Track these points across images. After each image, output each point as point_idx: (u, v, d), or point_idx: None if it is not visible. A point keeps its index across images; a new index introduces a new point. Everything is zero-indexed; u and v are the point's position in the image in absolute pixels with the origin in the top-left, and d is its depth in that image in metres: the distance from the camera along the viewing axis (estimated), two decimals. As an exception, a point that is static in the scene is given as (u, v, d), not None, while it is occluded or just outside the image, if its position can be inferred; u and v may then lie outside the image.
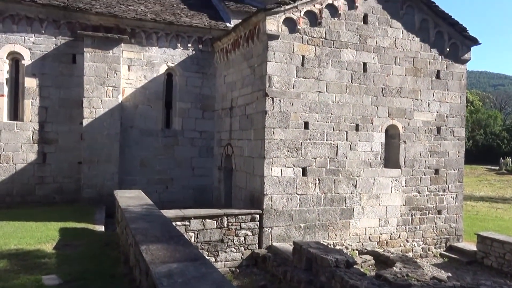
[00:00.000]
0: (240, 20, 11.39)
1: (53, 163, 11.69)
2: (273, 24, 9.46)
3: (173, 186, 12.72)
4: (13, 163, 11.39)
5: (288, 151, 9.67)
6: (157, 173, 12.54)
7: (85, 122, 11.44)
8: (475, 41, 11.66)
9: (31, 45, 11.53)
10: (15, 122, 11.48)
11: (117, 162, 11.71)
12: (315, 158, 9.94)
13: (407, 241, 10.92)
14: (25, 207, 11.02)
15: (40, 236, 7.65)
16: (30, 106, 11.53)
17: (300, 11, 9.76)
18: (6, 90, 11.48)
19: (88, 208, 10.77)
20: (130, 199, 7.90)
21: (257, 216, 9.44)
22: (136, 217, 6.06)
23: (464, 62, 11.68)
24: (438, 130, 11.32)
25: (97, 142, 11.49)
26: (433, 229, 11.24)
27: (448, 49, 11.35)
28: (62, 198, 11.66)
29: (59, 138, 11.74)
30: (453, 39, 11.42)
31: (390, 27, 10.75)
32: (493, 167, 36.04)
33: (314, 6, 9.89)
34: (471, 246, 10.97)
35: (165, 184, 12.65)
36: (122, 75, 11.94)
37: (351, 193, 10.30)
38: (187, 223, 8.76)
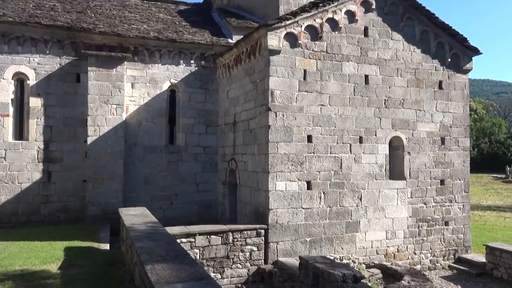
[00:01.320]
0: (242, 36, 11.50)
1: (58, 182, 11.73)
2: (275, 39, 9.55)
3: (178, 202, 12.70)
4: (18, 183, 11.43)
5: (292, 165, 9.65)
6: (161, 190, 12.54)
7: (89, 140, 11.50)
8: (476, 51, 11.68)
9: (36, 66, 11.68)
10: (20, 141, 11.56)
11: (121, 179, 11.73)
12: (319, 172, 9.91)
13: (415, 253, 10.78)
14: (30, 226, 11.03)
15: (45, 256, 7.63)
16: (35, 126, 11.62)
17: (301, 26, 9.85)
18: (11, 110, 11.59)
19: (93, 226, 10.76)
20: (135, 217, 7.88)
21: (263, 231, 9.38)
22: (141, 235, 6.03)
23: (466, 72, 11.69)
24: (443, 140, 11.28)
25: (101, 160, 11.53)
26: (440, 241, 11.10)
27: (449, 60, 11.38)
28: (67, 217, 11.66)
29: (63, 156, 11.79)
30: (454, 50, 11.45)
31: (391, 39, 10.81)
32: (499, 175, 35.73)
33: (314, 20, 9.98)
34: (480, 258, 10.81)
35: (170, 200, 12.63)
36: (125, 92, 12.05)
37: (357, 206, 10.23)
38: (192, 239, 8.71)
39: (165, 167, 12.62)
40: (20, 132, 11.75)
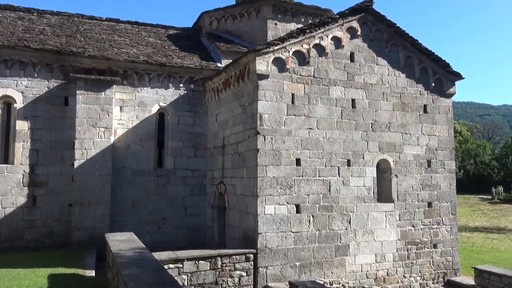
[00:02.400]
0: (231, 61, 11.69)
1: (43, 206, 11.51)
2: (263, 64, 9.71)
3: (166, 226, 12.53)
4: (1, 207, 11.18)
5: (281, 188, 9.66)
6: (149, 213, 12.38)
7: (76, 163, 11.37)
8: (458, 76, 12.03)
9: (24, 89, 11.63)
10: (5, 165, 11.38)
11: (108, 203, 11.57)
12: (308, 195, 9.92)
13: (405, 277, 10.76)
14: (13, 252, 10.72)
15: (28, 284, 7.41)
16: (21, 149, 11.48)
17: (289, 51, 10.05)
18: (-3, 133, 11.45)
19: (78, 252, 10.51)
20: (122, 242, 7.75)
21: (252, 255, 9.28)
22: (128, 262, 5.93)
23: (450, 96, 11.99)
24: (429, 163, 11.44)
25: (88, 184, 11.39)
26: (430, 264, 11.11)
27: (433, 84, 11.68)
28: (52, 242, 11.40)
29: (50, 180, 11.62)
30: (437, 75, 11.77)
31: (376, 64, 11.08)
32: (485, 197, 36.18)
33: (302, 46, 10.21)
34: (469, 280, 10.83)
35: (157, 224, 12.46)
36: (114, 116, 12.03)
37: (346, 229, 10.23)
38: (180, 265, 8.56)
39: (153, 191, 12.50)
40: (6, 156, 11.58)
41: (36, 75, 11.76)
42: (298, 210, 9.78)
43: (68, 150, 11.70)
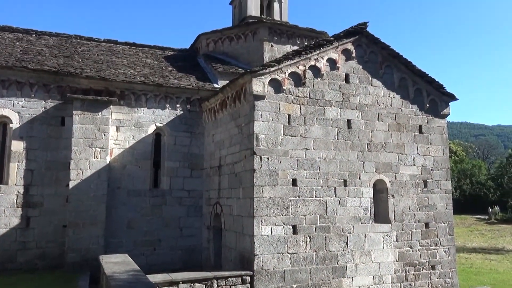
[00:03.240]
0: (227, 81, 11.79)
1: (37, 228, 11.35)
2: (259, 85, 9.80)
3: (161, 247, 12.36)
4: (-6, 229, 11.01)
5: (278, 209, 9.61)
6: (144, 235, 12.23)
7: (71, 184, 11.29)
8: (452, 97, 12.18)
9: (20, 109, 11.64)
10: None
11: (103, 224, 11.43)
12: (305, 215, 9.87)
13: (403, 299, 10.61)
14: (4, 275, 10.49)
15: (19, 308, 7.24)
16: (16, 169, 11.39)
17: (285, 73, 10.17)
18: (-8, 153, 11.38)
19: (71, 274, 10.31)
20: (116, 264, 7.63)
21: (248, 278, 9.15)
22: (122, 285, 5.83)
23: (444, 117, 12.11)
24: (425, 183, 11.46)
25: (83, 204, 11.28)
26: (428, 286, 10.98)
27: (427, 105, 11.81)
28: (45, 264, 11.19)
29: (44, 201, 11.50)
30: (431, 96, 11.92)
31: (371, 85, 11.21)
32: (482, 217, 36.10)
33: (298, 67, 10.34)
34: (468, 302, 10.69)
35: (153, 245, 12.29)
36: (110, 136, 12.02)
37: (343, 250, 10.13)
38: (175, 288, 8.41)
39: (149, 211, 12.39)
40: (0, 176, 11.48)
41: (33, 95, 11.79)
42: (295, 231, 9.70)
43: (64, 170, 11.63)
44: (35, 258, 11.23)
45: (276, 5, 17.86)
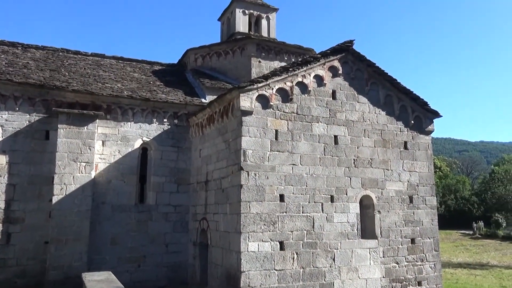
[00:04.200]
0: (215, 96, 11.82)
1: (18, 244, 11.06)
2: (247, 100, 9.85)
3: (146, 264, 12.13)
4: (-27, 245, 10.69)
5: (265, 224, 9.55)
6: (129, 251, 12.00)
7: (54, 199, 11.07)
8: (436, 114, 12.40)
9: (4, 122, 11.44)
10: (-20, 201, 10.99)
11: (86, 240, 11.19)
12: (292, 231, 9.83)
13: (390, 315, 10.57)
14: (-18, 294, 10.19)
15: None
16: (-3, 184, 11.13)
17: (272, 89, 10.25)
18: (-27, 168, 11.12)
19: (52, 292, 10.04)
20: (99, 282, 7.45)
21: (234, 295, 9.02)
22: (105, 304, 5.67)
23: (429, 133, 12.30)
24: (411, 199, 11.55)
25: (66, 220, 11.04)
26: (414, 302, 10.97)
27: (412, 122, 12.00)
28: (25, 282, 10.87)
29: (26, 216, 11.23)
30: (416, 112, 12.12)
31: (358, 102, 11.36)
32: (467, 232, 36.48)
33: (285, 84, 10.43)
34: (454, 319, 10.70)
35: (137, 262, 12.06)
36: (96, 150, 11.88)
37: (330, 267, 10.09)
38: (160, 306, 8.23)
39: (134, 227, 12.19)
40: (-19, 191, 11.20)
41: (17, 108, 11.62)
42: (282, 247, 9.64)
43: (47, 185, 11.41)
44: (15, 276, 10.91)
45: (264, 22, 18.11)
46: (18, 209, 11.21)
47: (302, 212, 10.03)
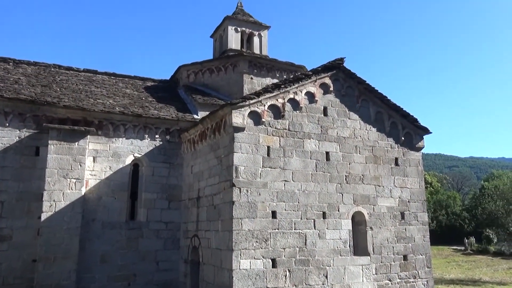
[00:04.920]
0: (207, 113, 11.85)
1: (4, 262, 10.80)
2: (239, 117, 9.89)
3: (136, 282, 11.91)
4: (-42, 264, 10.43)
5: (257, 241, 9.49)
6: (118, 269, 11.79)
7: (43, 216, 10.89)
8: (426, 131, 12.55)
9: (-7, 138, 11.31)
10: (-34, 218, 10.77)
11: (75, 258, 10.98)
12: (284, 248, 9.76)
13: (383, 333, 10.47)
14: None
15: None
16: (-15, 201, 10.94)
17: (264, 105, 10.31)
18: (-40, 184, 10.93)
19: (39, 312, 9.79)
20: (88, 302, 7.29)
21: (226, 314, 8.88)
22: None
23: (419, 149, 12.42)
24: (402, 215, 11.58)
25: (55, 237, 10.85)
26: (407, 319, 10.89)
27: (403, 138, 12.12)
28: (11, 302, 10.59)
29: (13, 234, 11.01)
30: (406, 129, 12.26)
31: (349, 118, 11.47)
32: (459, 248, 36.51)
33: (277, 100, 10.51)
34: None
35: (127, 280, 11.83)
36: (87, 166, 11.77)
37: (323, 284, 10.00)
38: (150, 326, 8.07)
39: (124, 245, 12.01)
40: (-33, 208, 10.99)
41: (7, 124, 11.51)
42: (274, 265, 9.56)
43: (36, 202, 11.23)
44: (1, 296, 10.64)
45: (256, 39, 18.33)
46: (5, 227, 11.00)
47: (294, 229, 9.99)
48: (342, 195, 10.81)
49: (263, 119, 10.21)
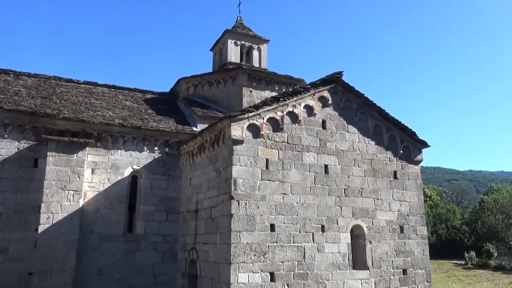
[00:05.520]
0: (206, 125, 11.89)
1: (0, 275, 10.69)
2: (238, 130, 9.92)
3: (133, 296, 11.79)
4: (-47, 277, 10.33)
5: (255, 255, 9.42)
6: (115, 282, 11.67)
7: (41, 228, 10.82)
8: (425, 144, 12.58)
9: (-8, 150, 11.31)
10: (-37, 230, 10.70)
11: (72, 271, 10.87)
12: (282, 262, 9.69)
13: None
14: (-40, 328, 9.76)
15: None
16: (-18, 213, 10.89)
17: (263, 118, 10.35)
18: (-43, 196, 10.89)
19: (34, 326, 9.66)
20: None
21: (223, 328, 8.77)
22: None
23: (417, 163, 12.43)
24: (401, 229, 11.53)
25: (52, 250, 10.76)
26: (407, 335, 10.76)
27: (401, 151, 12.14)
28: (6, 316, 10.46)
29: (10, 246, 10.92)
30: (405, 142, 12.29)
31: (347, 131, 11.51)
32: (459, 262, 36.19)
33: (276, 113, 10.56)
34: None
35: (124, 294, 11.71)
36: (85, 178, 11.74)
37: (321, 299, 9.90)
38: None
39: (122, 257, 11.91)
40: (-36, 220, 10.92)
41: (6, 135, 11.52)
42: (272, 279, 9.48)
43: (34, 214, 11.18)
44: (-5, 309, 10.51)
45: (255, 53, 18.48)
46: (2, 239, 10.92)
47: (293, 242, 9.93)
48: (341, 208, 10.78)
49: (262, 132, 10.24)
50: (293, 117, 10.80)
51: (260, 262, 9.43)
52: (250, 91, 15.63)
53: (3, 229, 10.97)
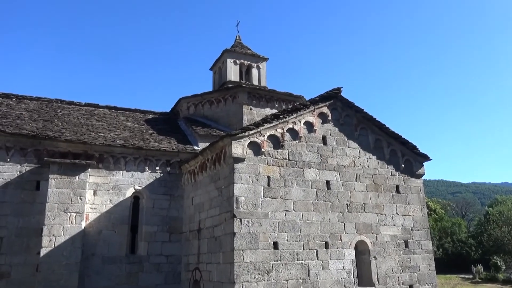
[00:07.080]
0: (208, 144, 11.92)
1: (2, 300, 10.59)
2: (239, 148, 9.95)
3: (136, 319, 11.61)
4: (-46, 303, 10.22)
5: (259, 274, 9.32)
6: (118, 305, 11.52)
7: (43, 251, 10.74)
8: (426, 158, 12.57)
9: (-6, 174, 11.33)
10: (-36, 255, 10.64)
11: (74, 295, 10.75)
12: (287, 280, 9.58)
13: None
14: None
15: None
16: (-16, 237, 10.84)
17: (264, 136, 10.39)
18: (-41, 221, 10.86)
19: None
20: None
21: None
22: None
23: (420, 176, 12.40)
24: (406, 243, 11.42)
25: (53, 274, 10.66)
26: None
27: (403, 165, 12.12)
28: None
29: (12, 271, 10.84)
30: (406, 156, 12.28)
31: (348, 147, 11.52)
32: (467, 276, 35.63)
33: (276, 130, 10.60)
34: None
35: (127, 317, 11.54)
36: (87, 200, 11.73)
37: (327, 317, 9.74)
38: None
39: (124, 279, 11.78)
40: (-34, 245, 10.87)
41: (8, 159, 11.57)
42: (277, 298, 9.35)
43: (36, 237, 11.12)
44: (-3, 335, 10.35)
45: (254, 71, 18.67)
46: (4, 263, 10.84)
47: (297, 260, 9.83)
48: (344, 224, 10.71)
49: (262, 149, 10.26)
50: (294, 133, 10.84)
51: (264, 281, 9.32)
52: (250, 109, 15.73)
53: (5, 253, 10.91)
